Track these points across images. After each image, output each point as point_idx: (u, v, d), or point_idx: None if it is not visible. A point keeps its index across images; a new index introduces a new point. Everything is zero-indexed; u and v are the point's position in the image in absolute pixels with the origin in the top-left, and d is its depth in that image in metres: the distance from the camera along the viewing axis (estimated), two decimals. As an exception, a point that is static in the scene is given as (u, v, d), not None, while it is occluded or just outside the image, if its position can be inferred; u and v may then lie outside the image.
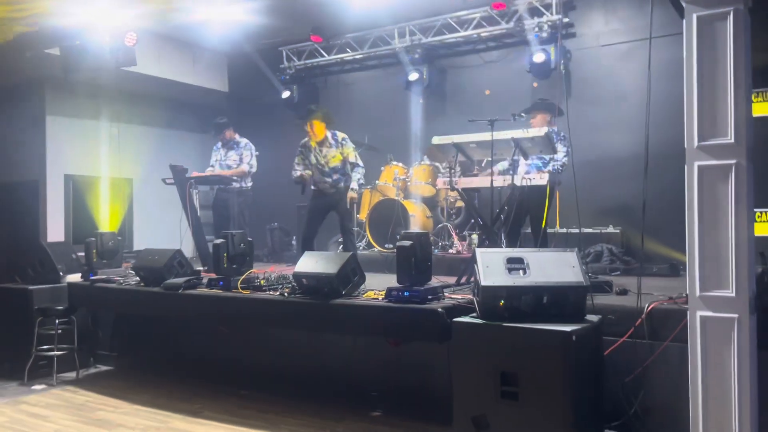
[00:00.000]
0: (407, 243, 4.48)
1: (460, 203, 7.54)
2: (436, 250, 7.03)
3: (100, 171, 9.26)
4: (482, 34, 8.20)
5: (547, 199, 5.25)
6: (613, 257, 6.79)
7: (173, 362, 6.34)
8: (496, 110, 8.08)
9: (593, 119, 7.41)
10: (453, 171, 5.56)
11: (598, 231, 7.11)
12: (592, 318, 4.04)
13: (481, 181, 5.64)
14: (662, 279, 6.05)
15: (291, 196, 7.97)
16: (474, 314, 4.16)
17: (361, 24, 8.82)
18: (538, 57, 7.44)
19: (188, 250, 10.54)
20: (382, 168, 7.75)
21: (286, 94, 9.70)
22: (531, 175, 5.33)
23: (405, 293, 4.47)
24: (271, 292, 5.14)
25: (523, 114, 5.80)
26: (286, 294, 4.94)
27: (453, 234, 7.13)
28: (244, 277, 5.32)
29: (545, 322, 3.81)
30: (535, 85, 7.90)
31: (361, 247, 7.70)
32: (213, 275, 5.58)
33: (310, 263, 4.93)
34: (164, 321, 6.20)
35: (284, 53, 9.89)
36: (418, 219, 7.13)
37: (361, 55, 9.26)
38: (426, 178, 7.38)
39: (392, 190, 7.59)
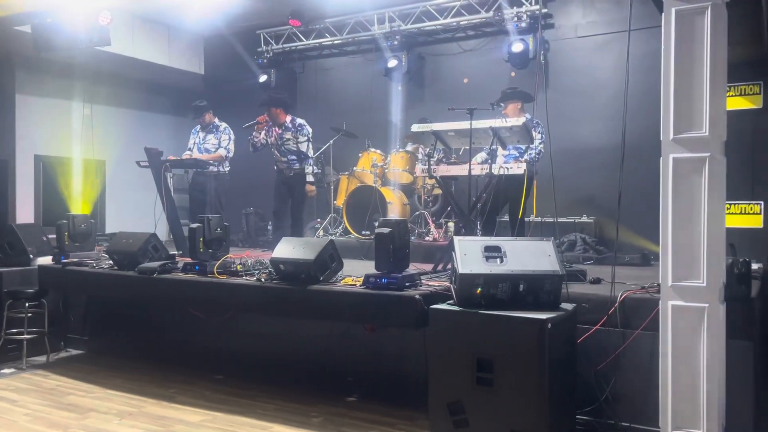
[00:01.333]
0: (386, 230, 4.49)
1: (437, 191, 7.57)
2: (413, 238, 7.05)
3: (71, 152, 9.09)
4: (461, 23, 8.20)
5: (524, 189, 5.29)
6: (587, 246, 6.89)
7: (146, 347, 6.28)
8: (474, 99, 8.09)
9: (569, 110, 7.49)
10: (431, 159, 5.57)
11: (572, 220, 7.21)
12: (567, 306, 4.10)
13: (459, 170, 5.66)
14: (635, 268, 6.16)
15: (267, 180, 7.92)
16: (451, 301, 4.20)
17: (341, 9, 8.76)
18: (517, 47, 7.47)
19: (162, 233, 10.44)
20: (360, 154, 7.73)
21: (263, 78, 9.60)
22: (509, 164, 5.36)
23: (383, 280, 4.48)
24: (247, 278, 5.11)
25: (501, 104, 5.83)
26: (263, 279, 4.92)
27: (430, 221, 7.16)
28: (220, 262, 5.27)
29: (521, 310, 3.87)
30: (513, 74, 7.94)
31: (337, 233, 7.69)
32: (188, 260, 5.53)
33: (287, 249, 4.91)
34: (137, 305, 6.13)
35: (262, 36, 9.77)
36: (395, 206, 7.14)
37: (340, 41, 9.20)
38: (404, 166, 7.38)
39: (370, 177, 7.58)
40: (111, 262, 5.96)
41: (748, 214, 6.72)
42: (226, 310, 5.44)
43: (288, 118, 7.16)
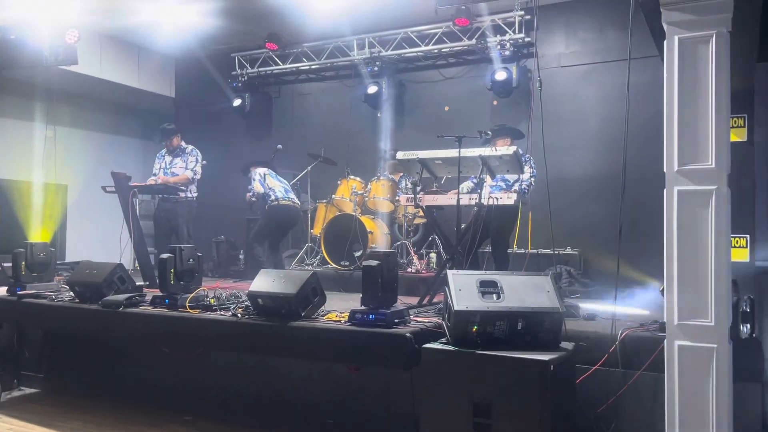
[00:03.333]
0: (374, 263, 4.22)
1: (419, 220, 7.34)
2: (394, 269, 6.78)
3: (32, 176, 8.62)
4: (443, 50, 8.08)
5: (518, 220, 5.11)
6: (572, 279, 6.72)
7: (109, 385, 5.85)
8: (455, 127, 7.91)
9: (551, 140, 7.32)
10: (417, 188, 5.36)
11: (557, 252, 7.04)
12: (567, 345, 3.87)
13: (445, 199, 5.44)
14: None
15: (239, 208, 7.63)
16: (444, 340, 3.95)
17: (319, 34, 8.58)
18: (500, 75, 7.36)
19: (127, 262, 10.01)
20: (339, 182, 7.47)
21: (237, 102, 9.31)
22: (497, 194, 5.17)
23: (370, 316, 4.20)
24: (222, 313, 4.77)
25: (489, 132, 5.67)
26: (239, 315, 4.58)
27: (412, 252, 6.91)
28: (192, 295, 4.92)
29: (520, 350, 3.64)
30: (495, 102, 7.83)
31: (314, 264, 7.38)
32: (157, 292, 5.17)
33: (266, 282, 4.60)
34: (99, 340, 5.71)
35: (237, 60, 9.51)
36: (375, 236, 6.88)
37: (317, 65, 8.99)
38: (385, 194, 7.15)
39: (349, 205, 7.32)
40: (72, 294, 5.55)
41: (734, 247, 6.64)
42: (198, 348, 5.07)
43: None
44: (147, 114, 10.47)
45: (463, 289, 3.89)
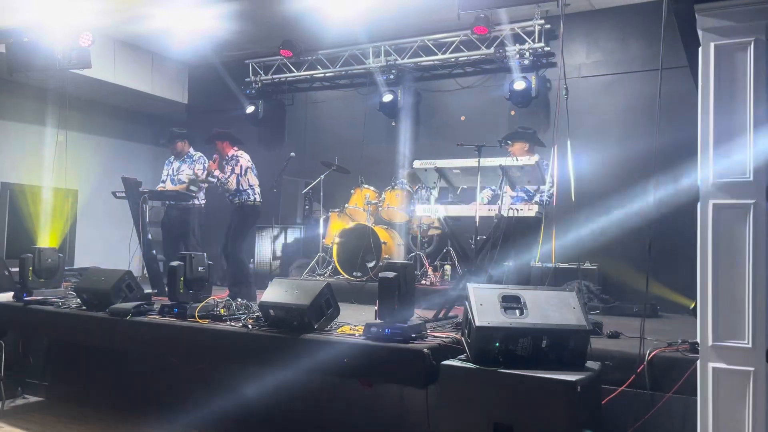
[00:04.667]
0: (391, 275, 4.07)
1: (433, 231, 7.18)
2: (408, 281, 6.61)
3: (42, 180, 8.53)
4: (460, 59, 7.94)
5: (541, 233, 4.94)
6: (591, 295, 6.52)
7: (114, 395, 5.70)
8: (471, 137, 7.77)
9: (565, 151, 7.20)
10: (436, 197, 5.21)
11: (574, 266, 6.84)
12: (593, 365, 3.69)
13: (464, 210, 5.28)
14: (646, 320, 5.79)
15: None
16: (463, 356, 3.79)
17: (334, 41, 8.48)
18: (519, 84, 7.21)
19: (137, 269, 9.89)
20: (352, 191, 7.32)
21: (250, 109, 9.20)
22: (518, 205, 5.01)
23: (386, 330, 4.04)
24: (232, 323, 4.62)
25: (509, 142, 5.51)
26: (250, 326, 4.43)
27: (426, 264, 6.74)
28: (202, 305, 4.78)
29: (544, 369, 3.46)
30: (512, 113, 7.68)
31: (326, 274, 7.23)
32: (166, 300, 5.04)
33: (278, 292, 4.45)
34: (106, 349, 5.56)
35: (251, 66, 9.42)
36: (389, 246, 6.73)
37: (332, 73, 8.88)
38: (399, 204, 6.99)
39: (362, 215, 7.17)
40: (79, 301, 5.43)
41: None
42: (207, 359, 4.91)
43: (231, 151, 6.71)
44: (159, 120, 10.39)
45: (485, 304, 3.72)
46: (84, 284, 5.42)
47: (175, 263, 4.92)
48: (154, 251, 6.70)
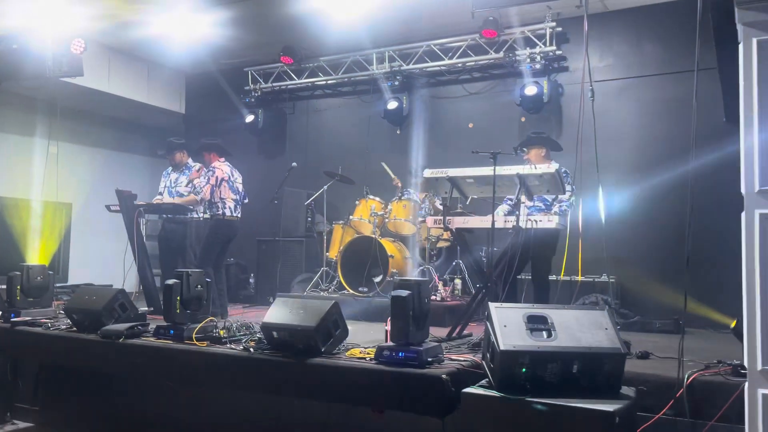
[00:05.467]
0: (404, 293, 3.74)
1: (442, 243, 6.87)
2: (417, 296, 6.28)
3: (31, 194, 8.22)
4: (468, 64, 7.65)
5: (566, 244, 4.63)
6: (610, 310, 6.19)
7: (107, 420, 5.37)
8: (480, 144, 7.45)
9: (584, 158, 6.90)
10: (447, 208, 4.90)
11: (591, 279, 6.52)
12: (628, 391, 3.36)
13: (478, 222, 4.97)
14: (667, 336, 5.50)
15: (250, 228, 7.16)
16: (484, 382, 3.46)
17: (337, 47, 8.20)
18: (530, 89, 6.92)
19: (131, 285, 9.57)
20: (357, 202, 7.00)
21: (250, 118, 8.91)
22: (536, 216, 4.70)
23: (399, 354, 3.72)
24: (232, 346, 4.30)
25: (525, 149, 5.21)
26: (251, 349, 4.10)
27: (436, 278, 6.42)
28: (200, 326, 4.45)
29: (576, 397, 3.13)
30: (522, 119, 7.39)
31: (330, 289, 6.90)
32: (161, 319, 4.71)
33: (283, 312, 4.12)
34: (99, 373, 5.22)
35: (250, 74, 9.13)
36: (397, 260, 6.41)
37: (334, 80, 8.59)
38: (406, 215, 6.68)
39: (368, 227, 6.86)
40: (69, 321, 5.10)
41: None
42: (205, 384, 4.58)
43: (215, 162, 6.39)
44: (155, 131, 10.11)
45: (509, 325, 3.40)
46: (74, 304, 5.09)
47: (170, 281, 4.59)
48: (149, 267, 6.34)
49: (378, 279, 6.41)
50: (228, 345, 4.32)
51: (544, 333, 3.39)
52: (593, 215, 4.96)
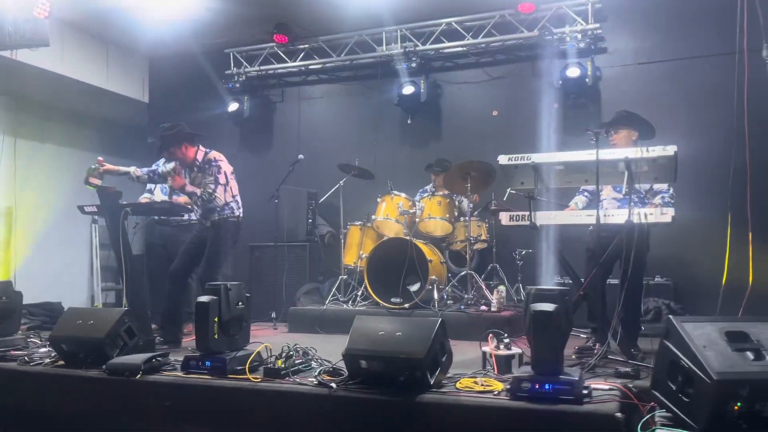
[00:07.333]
0: (550, 307, 2.89)
1: (479, 245, 6.03)
2: (461, 306, 5.45)
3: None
4: (492, 44, 6.87)
5: (728, 244, 3.92)
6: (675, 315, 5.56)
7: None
8: (505, 134, 6.82)
9: (625, 149, 6.27)
10: (534, 201, 4.08)
11: (645, 282, 5.85)
12: None
13: (565, 217, 4.18)
14: None
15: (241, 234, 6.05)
16: (665, 419, 2.68)
17: (336, 24, 7.24)
18: (573, 71, 6.20)
19: (81, 300, 8.24)
20: (379, 199, 6.05)
21: (234, 107, 7.77)
22: (647, 209, 3.95)
23: (546, 386, 2.86)
24: (299, 380, 3.30)
25: (612, 130, 4.46)
26: (335, 386, 3.13)
27: (483, 286, 5.57)
28: (253, 355, 3.44)
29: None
30: (555, 105, 6.68)
31: (357, 301, 5.90)
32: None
33: (372, 335, 3.19)
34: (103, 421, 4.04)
35: (232, 56, 8.00)
36: (435, 265, 5.54)
37: (332, 64, 7.61)
38: (442, 213, 5.80)
39: (395, 227, 5.95)
40: (56, 353, 3.95)
41: None
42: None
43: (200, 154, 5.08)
44: (113, 124, 8.73)
45: (709, 346, 2.63)
46: (63, 331, 3.93)
47: (205, 298, 3.55)
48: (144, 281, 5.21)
49: (415, 288, 5.52)
50: (293, 379, 3.32)
51: (749, 354, 2.64)
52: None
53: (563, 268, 4.49)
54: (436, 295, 5.41)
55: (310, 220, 6.96)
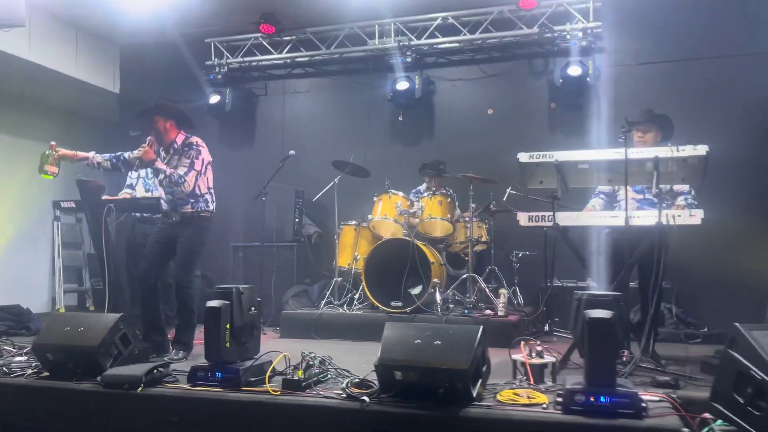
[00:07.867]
0: (606, 314, 2.70)
1: (480, 247, 5.84)
2: (465, 311, 5.23)
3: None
4: (488, 41, 6.69)
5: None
6: (678, 320, 5.50)
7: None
8: (501, 133, 6.65)
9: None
10: (557, 201, 3.90)
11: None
12: None
13: (590, 218, 4.01)
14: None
15: (221, 231, 5.66)
16: (725, 429, 2.52)
17: (326, 16, 6.95)
18: (574, 69, 6.07)
19: (42, 302, 7.71)
20: (376, 198, 5.79)
21: (215, 99, 7.38)
22: (675, 211, 3.82)
23: (602, 399, 2.66)
24: (323, 392, 3.02)
25: (640, 127, 4.33)
26: (367, 399, 2.86)
27: (487, 289, 5.37)
28: (273, 366, 3.14)
29: None
30: (552, 105, 6.56)
31: (353, 304, 5.63)
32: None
33: (407, 344, 2.93)
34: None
35: (213, 46, 7.61)
36: (436, 267, 5.31)
37: (320, 57, 7.30)
38: (443, 213, 5.58)
39: (393, 227, 5.70)
40: (39, 364, 3.56)
41: None
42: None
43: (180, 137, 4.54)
44: (76, 114, 8.16)
45: (781, 354, 2.47)
46: (48, 339, 3.54)
47: (217, 303, 3.22)
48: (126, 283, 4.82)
49: (416, 291, 5.29)
50: (316, 391, 3.04)
51: (817, 362, 2.50)
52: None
53: (587, 270, 4.30)
54: (438, 299, 5.18)
55: (297, 220, 6.64)
